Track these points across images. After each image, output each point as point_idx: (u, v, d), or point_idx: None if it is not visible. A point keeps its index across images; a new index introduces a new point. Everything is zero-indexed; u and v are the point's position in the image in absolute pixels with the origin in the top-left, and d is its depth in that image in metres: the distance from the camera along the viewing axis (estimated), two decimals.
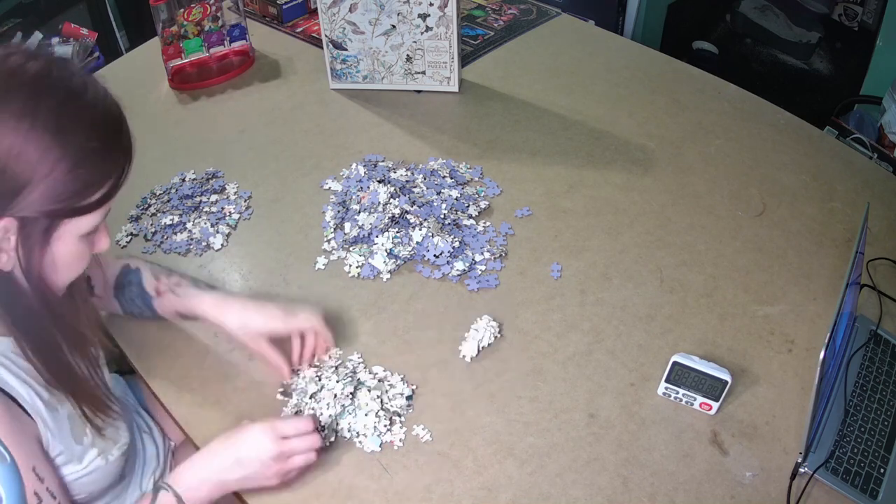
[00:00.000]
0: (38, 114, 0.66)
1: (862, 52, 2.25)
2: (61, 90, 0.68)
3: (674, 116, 1.47)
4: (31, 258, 0.71)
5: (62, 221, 0.71)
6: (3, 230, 0.68)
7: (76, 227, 0.72)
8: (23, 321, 0.75)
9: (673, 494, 0.87)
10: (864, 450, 0.90)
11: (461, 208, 1.24)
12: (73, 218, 0.71)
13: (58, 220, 0.71)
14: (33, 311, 0.75)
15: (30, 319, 0.75)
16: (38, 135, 0.66)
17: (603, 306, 1.10)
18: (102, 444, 0.84)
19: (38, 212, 0.68)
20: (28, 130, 0.65)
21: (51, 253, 0.72)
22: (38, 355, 0.76)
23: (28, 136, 0.65)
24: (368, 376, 0.99)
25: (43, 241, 0.71)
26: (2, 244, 0.69)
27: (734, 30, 2.95)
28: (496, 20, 1.81)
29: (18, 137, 0.65)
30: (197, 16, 1.59)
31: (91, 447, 0.83)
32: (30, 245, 0.70)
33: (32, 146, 0.65)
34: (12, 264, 0.71)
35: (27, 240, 0.70)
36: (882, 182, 1.33)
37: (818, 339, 1.04)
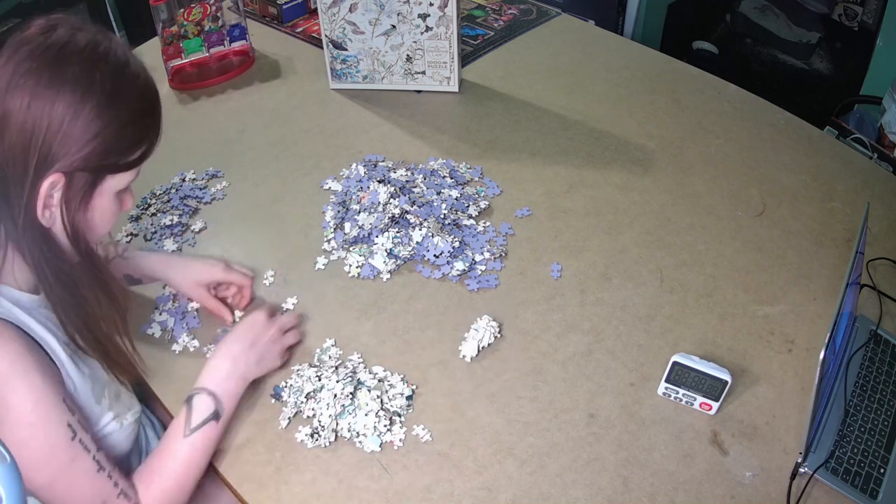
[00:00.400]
0: (94, 81, 0.72)
1: (862, 52, 2.25)
2: (111, 60, 0.75)
3: (674, 116, 1.47)
4: (74, 212, 0.76)
5: (105, 177, 0.77)
6: (51, 185, 0.73)
7: (116, 183, 0.78)
8: (57, 278, 0.78)
9: (673, 494, 0.87)
10: (864, 450, 0.90)
11: (461, 208, 1.24)
12: (116, 174, 0.78)
13: (102, 174, 0.76)
14: (68, 269, 0.79)
15: (64, 274, 0.79)
16: (94, 99, 0.72)
17: (603, 306, 1.10)
18: (118, 408, 0.87)
19: (88, 166, 0.74)
20: (84, 95, 0.72)
21: (90, 209, 0.78)
22: (67, 312, 0.80)
23: (84, 100, 0.72)
24: (368, 376, 0.99)
25: (86, 195, 0.76)
26: (48, 200, 0.74)
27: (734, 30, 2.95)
28: (496, 20, 1.81)
29: (75, 102, 0.71)
30: (197, 16, 1.59)
31: (108, 410, 0.86)
32: (75, 199, 0.75)
33: (88, 108, 0.72)
34: (54, 221, 0.76)
35: (73, 194, 0.75)
36: (882, 182, 1.33)
37: (818, 339, 1.04)
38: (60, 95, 0.71)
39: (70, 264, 0.79)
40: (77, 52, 0.73)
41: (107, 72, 0.74)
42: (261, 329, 0.98)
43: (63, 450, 0.76)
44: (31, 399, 0.73)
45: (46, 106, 0.70)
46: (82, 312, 0.81)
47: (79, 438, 0.77)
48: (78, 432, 0.77)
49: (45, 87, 0.70)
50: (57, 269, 0.78)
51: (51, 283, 0.78)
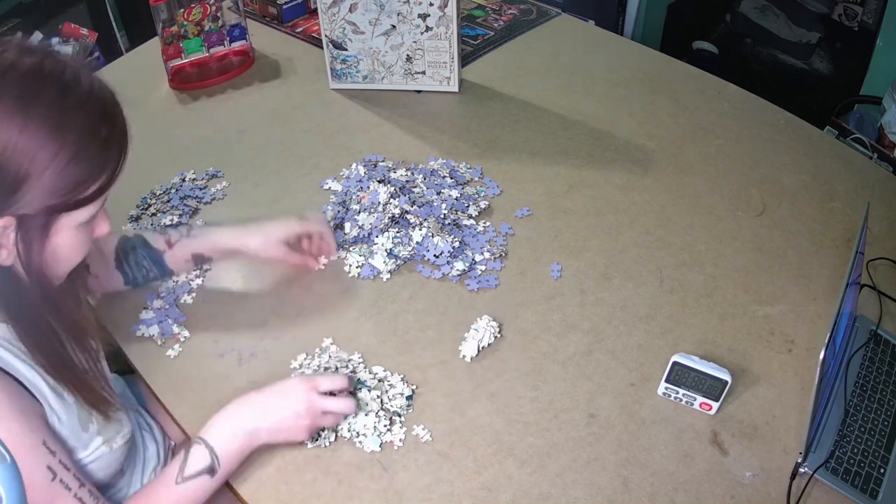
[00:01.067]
0: (32, 110, 0.66)
1: (862, 52, 2.25)
2: (55, 85, 0.68)
3: (674, 116, 1.47)
4: (30, 253, 0.71)
5: (60, 215, 0.72)
6: (1, 228, 0.69)
7: (74, 218, 0.73)
8: (22, 313, 0.76)
9: (673, 494, 0.87)
10: (864, 450, 0.90)
11: (461, 208, 1.24)
12: (71, 211, 0.72)
13: (56, 214, 0.71)
14: (32, 304, 0.76)
15: (29, 311, 0.76)
16: (32, 131, 0.66)
17: (603, 306, 1.10)
18: (107, 433, 0.85)
19: (36, 208, 0.69)
20: (22, 127, 0.65)
21: (51, 245, 0.73)
22: (37, 347, 0.77)
23: (23, 132, 0.65)
24: (368, 376, 0.99)
25: (42, 235, 0.72)
26: (1, 240, 0.70)
27: (734, 30, 2.95)
28: (496, 20, 1.81)
29: (13, 134, 0.65)
30: (197, 16, 1.59)
31: (96, 435, 0.84)
32: (29, 240, 0.71)
33: (28, 142, 0.66)
34: (12, 259, 0.72)
35: (26, 235, 0.70)
36: (882, 182, 1.33)
37: (818, 339, 1.03)
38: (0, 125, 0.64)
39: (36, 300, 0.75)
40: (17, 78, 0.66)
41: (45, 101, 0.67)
42: (291, 399, 0.88)
43: (43, 492, 0.73)
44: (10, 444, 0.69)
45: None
46: (49, 347, 0.78)
47: (59, 479, 0.74)
48: (58, 473, 0.74)
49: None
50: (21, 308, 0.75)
51: (18, 319, 0.75)
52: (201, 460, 0.84)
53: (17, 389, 0.74)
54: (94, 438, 0.83)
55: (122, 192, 1.32)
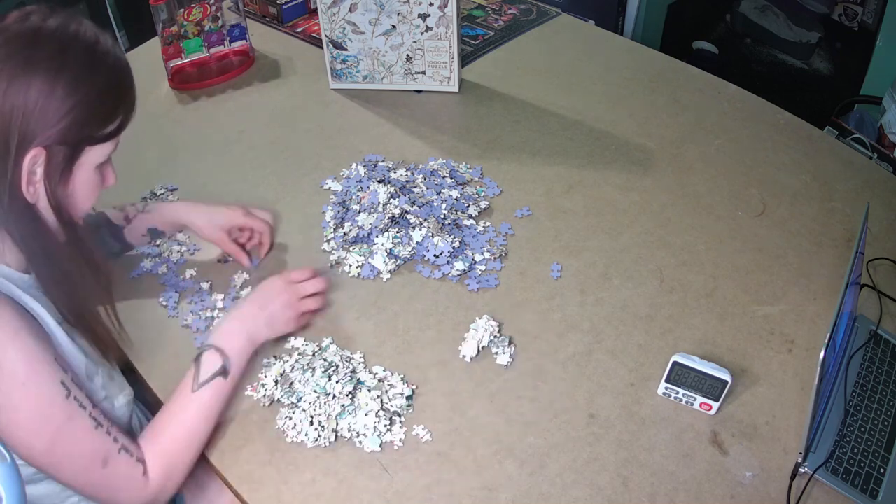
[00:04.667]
0: (66, 60, 0.75)
1: (862, 52, 2.25)
2: (81, 39, 0.78)
3: (674, 116, 1.47)
4: (55, 185, 0.79)
5: (83, 149, 0.79)
6: (32, 160, 0.75)
7: (94, 156, 0.81)
8: (45, 254, 0.80)
9: (673, 494, 0.87)
10: (864, 450, 0.90)
11: (461, 208, 1.24)
12: (94, 146, 0.80)
13: (81, 147, 0.79)
14: (55, 244, 0.81)
15: (51, 251, 0.81)
16: (67, 75, 0.75)
17: (603, 306, 1.10)
18: (110, 389, 0.89)
19: (66, 139, 0.77)
20: (57, 73, 0.74)
21: (72, 182, 0.80)
22: (56, 287, 0.82)
23: (57, 77, 0.74)
24: (368, 376, 0.99)
25: (67, 168, 0.79)
26: (31, 176, 0.76)
27: (734, 30, 2.95)
28: (496, 20, 1.81)
29: (49, 80, 0.74)
30: (197, 16, 1.59)
31: (100, 389, 0.87)
32: (56, 172, 0.78)
33: (62, 84, 0.75)
34: (38, 196, 0.78)
35: (54, 167, 0.77)
36: (882, 182, 1.33)
37: (818, 339, 1.04)
38: (35, 76, 0.73)
39: (56, 240, 0.81)
40: (48, 34, 0.76)
41: (77, 50, 0.77)
42: (275, 292, 1.01)
43: (59, 408, 0.77)
44: (22, 359, 0.75)
45: (23, 87, 0.73)
46: (69, 287, 0.83)
47: (73, 396, 0.78)
48: (72, 390, 0.78)
49: (21, 70, 0.73)
50: (43, 245, 0.80)
51: (38, 260, 0.80)
52: (214, 363, 0.92)
53: (28, 317, 0.78)
54: (98, 392, 0.86)
55: (122, 192, 1.32)
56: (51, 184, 0.78)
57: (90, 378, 0.85)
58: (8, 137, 0.74)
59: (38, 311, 0.80)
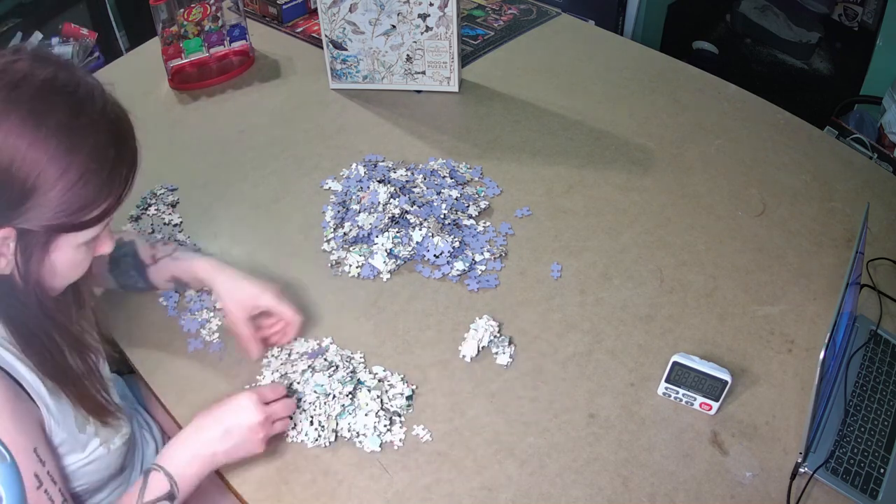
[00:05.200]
0: (44, 124, 0.65)
1: (862, 52, 2.25)
2: (68, 101, 0.67)
3: (674, 116, 1.47)
4: (28, 265, 0.71)
5: (56, 237, 0.71)
6: (2, 239, 0.68)
7: (75, 238, 0.73)
8: (20, 320, 0.76)
9: (673, 494, 0.87)
10: (864, 450, 0.90)
11: (461, 208, 1.24)
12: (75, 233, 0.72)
13: (57, 233, 0.71)
14: (30, 312, 0.75)
15: (26, 319, 0.76)
16: (42, 146, 0.65)
17: (603, 306, 1.10)
18: (105, 434, 0.85)
19: (38, 226, 0.68)
20: (32, 141, 0.64)
21: (49, 261, 0.73)
22: (34, 353, 0.77)
23: (32, 146, 0.65)
24: (368, 376, 0.99)
25: (42, 251, 0.71)
26: (3, 249, 0.70)
27: (734, 30, 2.95)
28: (496, 20, 1.81)
29: (22, 147, 0.64)
30: (197, 16, 1.59)
31: (94, 436, 0.84)
32: (28, 254, 0.70)
33: (38, 157, 0.65)
34: (11, 268, 0.72)
35: (26, 248, 0.70)
36: (882, 182, 1.33)
37: (818, 339, 1.04)
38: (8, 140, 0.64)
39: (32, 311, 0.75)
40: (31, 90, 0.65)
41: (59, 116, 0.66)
42: (243, 417, 0.86)
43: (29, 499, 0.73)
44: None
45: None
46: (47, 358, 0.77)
47: (44, 489, 0.74)
48: (44, 483, 0.74)
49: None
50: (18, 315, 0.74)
51: (14, 328, 0.75)
52: (161, 487, 0.82)
53: (16, 391, 0.74)
54: (92, 440, 0.84)
55: None
56: (24, 262, 0.70)
57: (81, 430, 0.82)
58: None
59: (24, 374, 0.76)
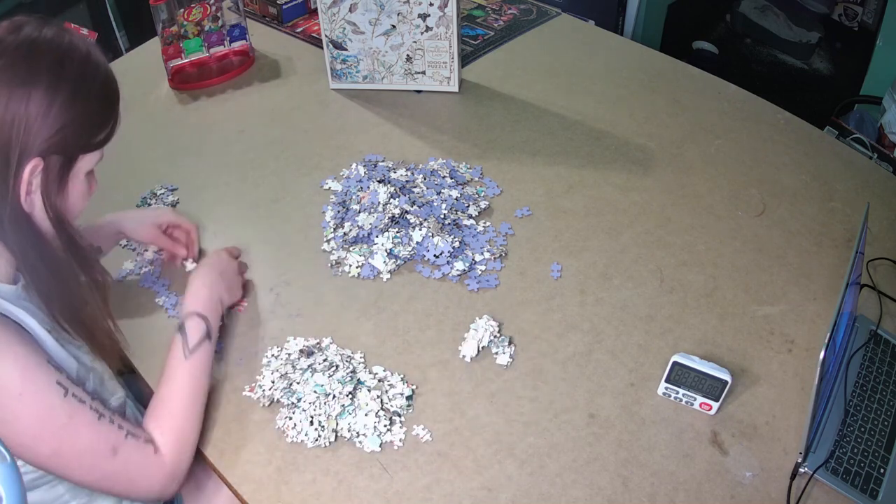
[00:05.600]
0: (64, 71, 0.77)
1: (862, 52, 2.25)
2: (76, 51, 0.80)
3: (674, 116, 1.47)
4: (53, 194, 0.80)
5: (77, 158, 0.81)
6: (31, 170, 0.77)
7: (85, 164, 0.83)
8: (42, 263, 0.81)
9: (673, 494, 0.87)
10: (864, 450, 0.90)
11: (461, 208, 1.24)
12: (86, 154, 0.82)
13: (75, 155, 0.81)
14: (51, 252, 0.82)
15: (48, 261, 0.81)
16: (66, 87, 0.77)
17: (603, 306, 1.10)
18: (101, 393, 0.89)
19: (63, 148, 0.78)
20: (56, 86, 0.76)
21: (67, 190, 0.82)
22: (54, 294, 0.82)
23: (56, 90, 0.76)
24: (368, 376, 0.99)
25: (63, 177, 0.81)
26: (29, 186, 0.77)
27: (734, 30, 2.95)
28: (496, 20, 1.81)
29: (49, 93, 0.76)
30: (197, 16, 1.59)
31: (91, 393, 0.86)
32: (53, 181, 0.80)
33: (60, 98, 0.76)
34: (33, 206, 0.80)
35: (51, 177, 0.79)
36: (882, 182, 1.33)
37: (818, 339, 1.04)
38: (35, 87, 0.75)
39: (52, 248, 0.82)
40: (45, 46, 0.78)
41: (74, 61, 0.79)
42: (226, 262, 1.09)
43: (59, 408, 0.77)
44: (16, 369, 0.75)
45: (23, 99, 0.74)
46: (67, 296, 0.83)
47: (71, 393, 0.79)
48: (69, 388, 0.79)
49: (21, 81, 0.74)
50: (41, 254, 0.81)
51: (36, 270, 0.81)
52: (198, 328, 0.96)
53: (22, 331, 0.79)
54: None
55: (122, 192, 1.33)
56: (48, 193, 0.80)
57: (81, 383, 0.85)
58: (9, 150, 0.75)
59: (26, 320, 0.80)
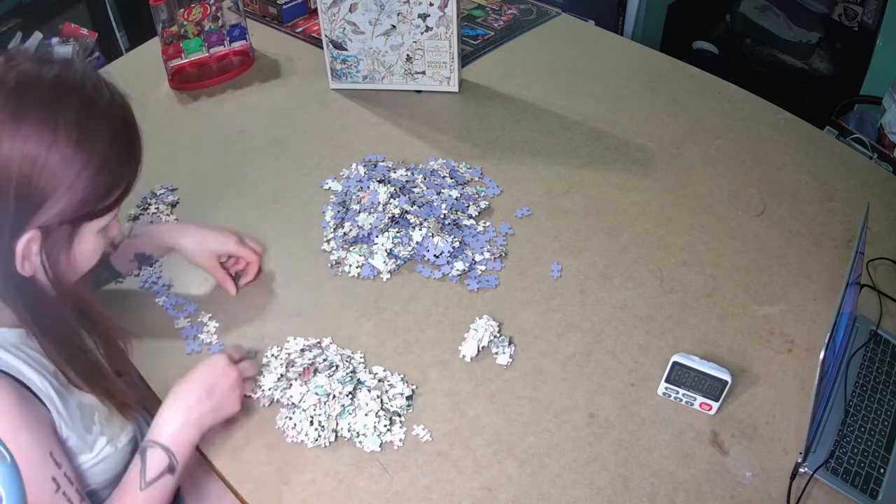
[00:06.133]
0: (59, 124, 0.67)
1: (862, 52, 2.25)
2: (79, 97, 0.70)
3: (674, 116, 1.47)
4: (56, 262, 0.73)
5: (84, 223, 0.74)
6: (26, 243, 0.70)
7: (96, 225, 0.76)
8: (47, 323, 0.76)
9: (673, 494, 0.87)
10: (864, 450, 0.90)
11: (461, 208, 1.24)
12: (94, 220, 0.75)
13: (82, 223, 0.74)
14: (57, 312, 0.77)
15: (54, 320, 0.77)
16: (61, 146, 0.67)
17: (603, 306, 1.10)
18: (111, 432, 0.86)
19: (64, 220, 0.71)
20: (51, 142, 0.67)
21: (72, 254, 0.76)
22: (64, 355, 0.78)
23: (51, 147, 0.67)
24: (368, 376, 0.99)
25: (68, 245, 0.74)
26: (27, 253, 0.71)
27: (734, 30, 2.95)
28: (496, 20, 1.81)
29: (42, 149, 0.67)
30: (197, 16, 1.59)
31: (101, 435, 0.84)
32: (55, 252, 0.73)
33: (56, 157, 0.67)
34: (35, 269, 0.73)
35: (52, 247, 0.72)
36: (882, 182, 1.33)
37: (818, 339, 1.04)
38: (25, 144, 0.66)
39: (58, 310, 0.77)
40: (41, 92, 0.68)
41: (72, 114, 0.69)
42: (220, 375, 0.91)
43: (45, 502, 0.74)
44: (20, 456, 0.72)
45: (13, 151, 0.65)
46: (76, 358, 0.79)
47: (62, 491, 0.75)
48: (62, 485, 0.75)
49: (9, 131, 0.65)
50: (44, 317, 0.75)
51: (39, 333, 0.76)
52: (160, 462, 0.84)
53: (24, 394, 0.75)
54: (99, 439, 0.84)
55: None
56: (49, 261, 0.72)
57: (88, 430, 0.83)
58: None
59: (32, 378, 0.76)
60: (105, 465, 0.85)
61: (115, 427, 0.87)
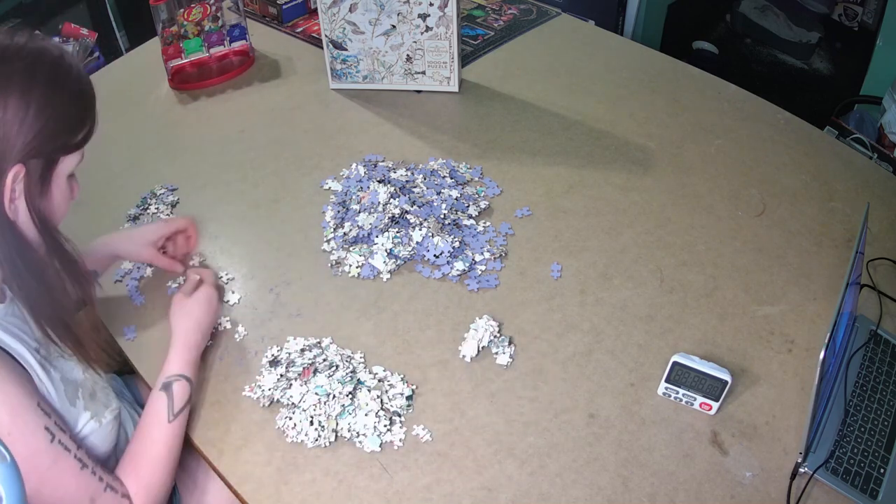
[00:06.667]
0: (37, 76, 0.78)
1: (862, 52, 2.25)
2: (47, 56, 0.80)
3: (674, 116, 1.47)
4: (37, 198, 0.80)
5: (58, 160, 0.81)
6: (14, 176, 0.76)
7: (66, 167, 0.83)
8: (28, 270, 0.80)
9: (673, 494, 0.87)
10: (864, 450, 0.90)
11: (461, 208, 1.24)
12: (66, 156, 0.82)
13: (55, 157, 0.81)
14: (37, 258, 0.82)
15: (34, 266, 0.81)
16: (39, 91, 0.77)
17: (603, 306, 1.10)
18: (94, 407, 0.88)
19: (42, 150, 0.78)
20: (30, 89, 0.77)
21: (49, 194, 0.82)
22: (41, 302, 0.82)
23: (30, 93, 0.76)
24: (368, 376, 0.99)
25: (45, 180, 0.81)
26: (12, 193, 0.77)
27: (734, 30, 2.95)
28: (496, 20, 1.81)
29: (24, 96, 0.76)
30: (197, 16, 1.59)
31: (84, 410, 0.86)
32: (36, 185, 0.80)
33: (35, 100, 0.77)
34: (17, 212, 0.79)
35: (33, 181, 0.79)
36: (882, 182, 1.33)
37: (818, 339, 1.04)
38: (9, 96, 0.75)
39: (37, 254, 0.82)
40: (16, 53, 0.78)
41: (45, 65, 0.79)
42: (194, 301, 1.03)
43: (44, 453, 0.77)
44: (6, 409, 0.75)
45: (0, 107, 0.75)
46: (54, 303, 0.83)
47: (58, 440, 0.79)
48: (56, 434, 0.79)
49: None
50: (27, 262, 0.80)
51: (22, 277, 0.80)
52: (185, 393, 0.94)
53: (8, 360, 0.78)
54: (82, 413, 0.86)
55: (122, 192, 1.33)
56: (32, 197, 0.79)
57: (72, 403, 0.85)
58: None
59: (15, 347, 0.80)
60: (90, 441, 0.87)
61: (99, 403, 0.90)
